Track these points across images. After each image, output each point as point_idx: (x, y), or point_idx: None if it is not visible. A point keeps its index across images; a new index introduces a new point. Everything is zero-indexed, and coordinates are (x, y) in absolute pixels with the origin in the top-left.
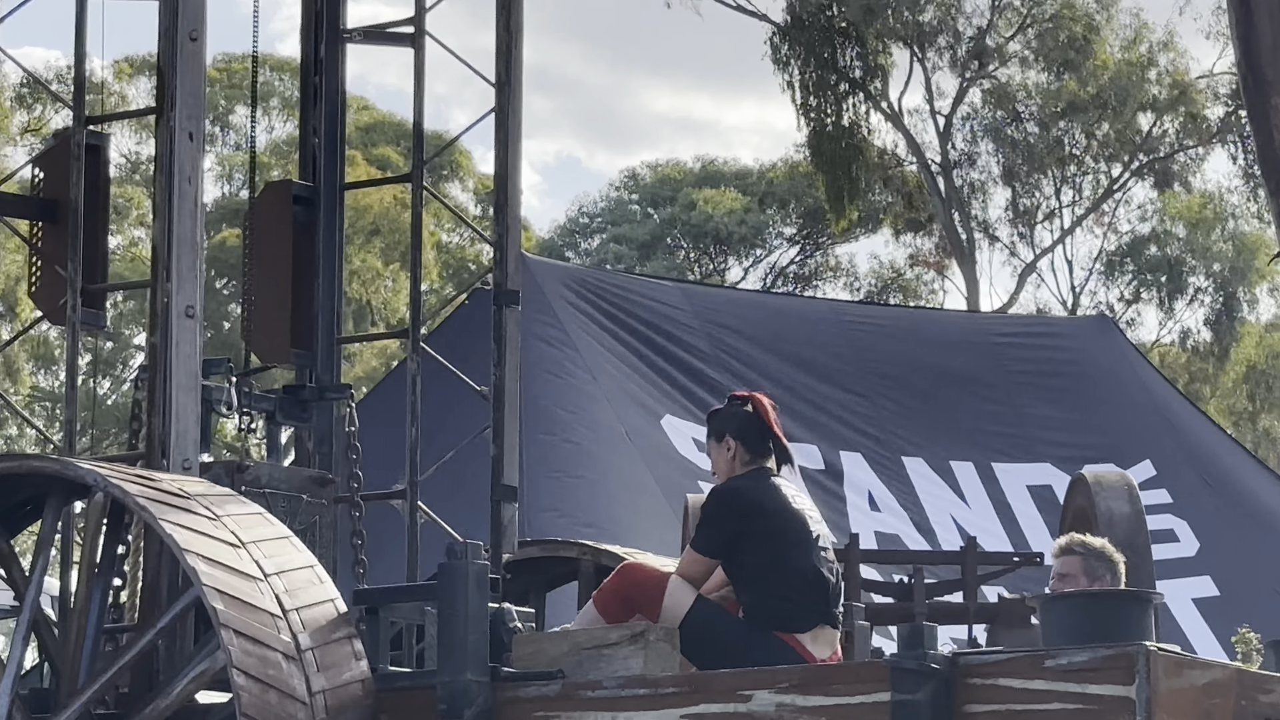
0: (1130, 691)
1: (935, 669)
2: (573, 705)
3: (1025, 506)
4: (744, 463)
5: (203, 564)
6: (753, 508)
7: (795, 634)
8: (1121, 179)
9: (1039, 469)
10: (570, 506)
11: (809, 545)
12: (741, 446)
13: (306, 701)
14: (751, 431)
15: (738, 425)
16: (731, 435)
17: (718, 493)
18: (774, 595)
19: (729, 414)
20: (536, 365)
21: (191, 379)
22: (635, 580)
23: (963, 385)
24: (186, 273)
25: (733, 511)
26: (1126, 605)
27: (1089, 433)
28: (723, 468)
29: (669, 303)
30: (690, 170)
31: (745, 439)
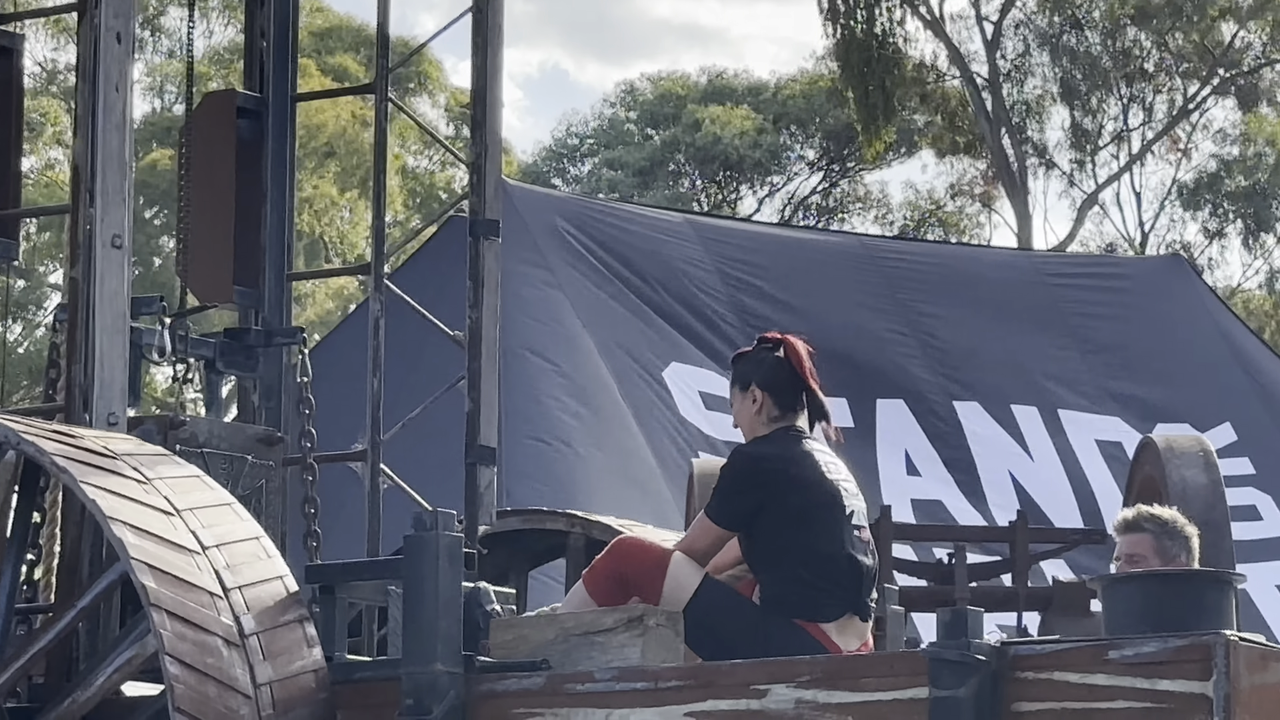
0: (1207, 688)
1: (980, 661)
2: (559, 700)
3: (1095, 464)
4: (771, 418)
5: (130, 534)
6: (780, 476)
7: (819, 623)
8: (1199, 97)
9: (1109, 422)
10: (553, 475)
11: (841, 523)
12: (769, 398)
13: (250, 694)
14: (782, 381)
15: (766, 373)
16: (759, 385)
17: (741, 455)
18: (797, 579)
19: (757, 359)
20: (517, 308)
21: (118, 320)
22: (632, 557)
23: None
24: (113, 196)
25: (756, 478)
26: (1203, 588)
27: (1161, 388)
28: (747, 421)
29: (673, 236)
30: (696, 84)
31: (774, 390)
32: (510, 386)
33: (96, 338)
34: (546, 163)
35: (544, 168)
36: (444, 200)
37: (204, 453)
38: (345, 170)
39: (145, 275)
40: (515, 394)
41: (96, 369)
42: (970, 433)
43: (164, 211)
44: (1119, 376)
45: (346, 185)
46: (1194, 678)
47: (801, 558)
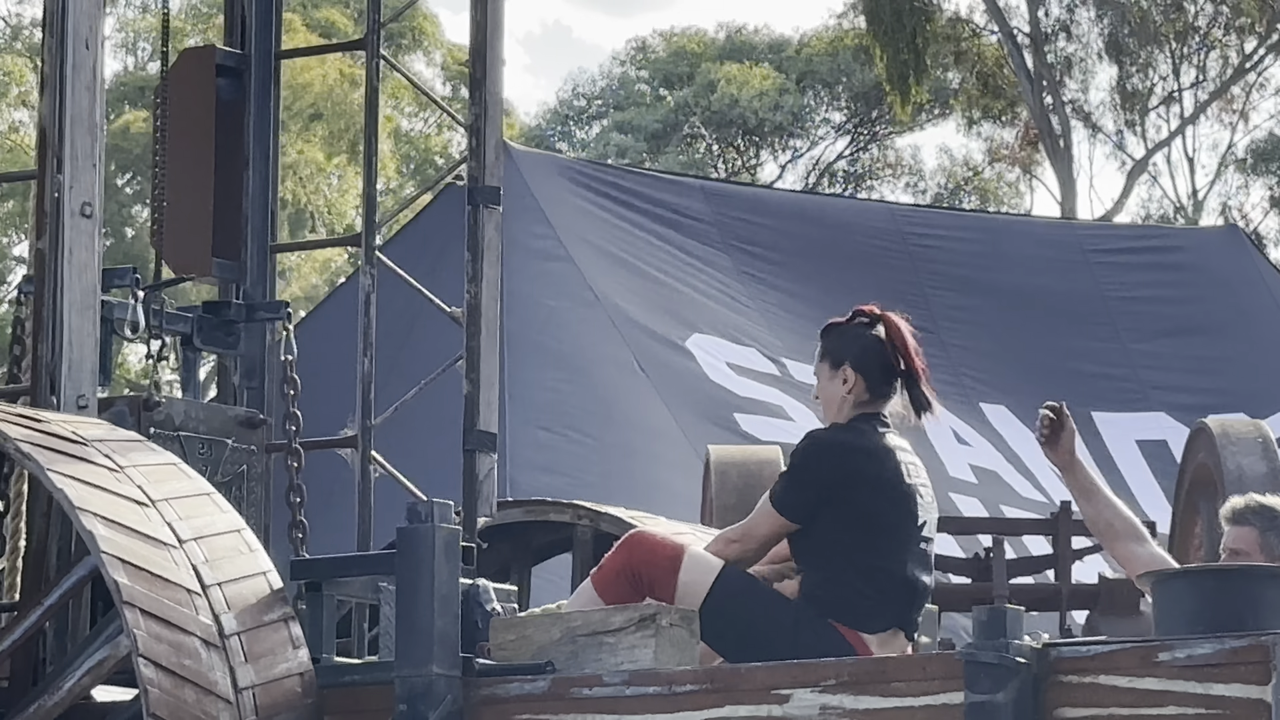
0: (1266, 692)
1: (1020, 663)
2: (564, 706)
3: (1135, 465)
4: (859, 402)
5: (102, 526)
6: (855, 470)
7: (861, 633)
8: (1257, 56)
9: (1151, 419)
10: (562, 462)
11: (910, 533)
12: (862, 381)
13: (231, 699)
14: (878, 364)
15: (860, 352)
16: (851, 364)
17: (816, 442)
18: (848, 584)
19: (851, 335)
20: (521, 280)
21: (88, 295)
22: (644, 553)
23: (1054, 313)
24: (83, 161)
25: (829, 472)
26: (1261, 585)
27: (1214, 375)
28: (832, 403)
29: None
30: (712, 41)
31: (868, 372)
32: (513, 367)
33: (65, 314)
34: (551, 125)
35: (548, 131)
36: (440, 166)
37: (181, 436)
38: (333, 134)
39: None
40: (519, 375)
41: (65, 348)
42: (1003, 431)
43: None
44: (1166, 367)
45: (334, 150)
46: (1252, 681)
47: (858, 563)
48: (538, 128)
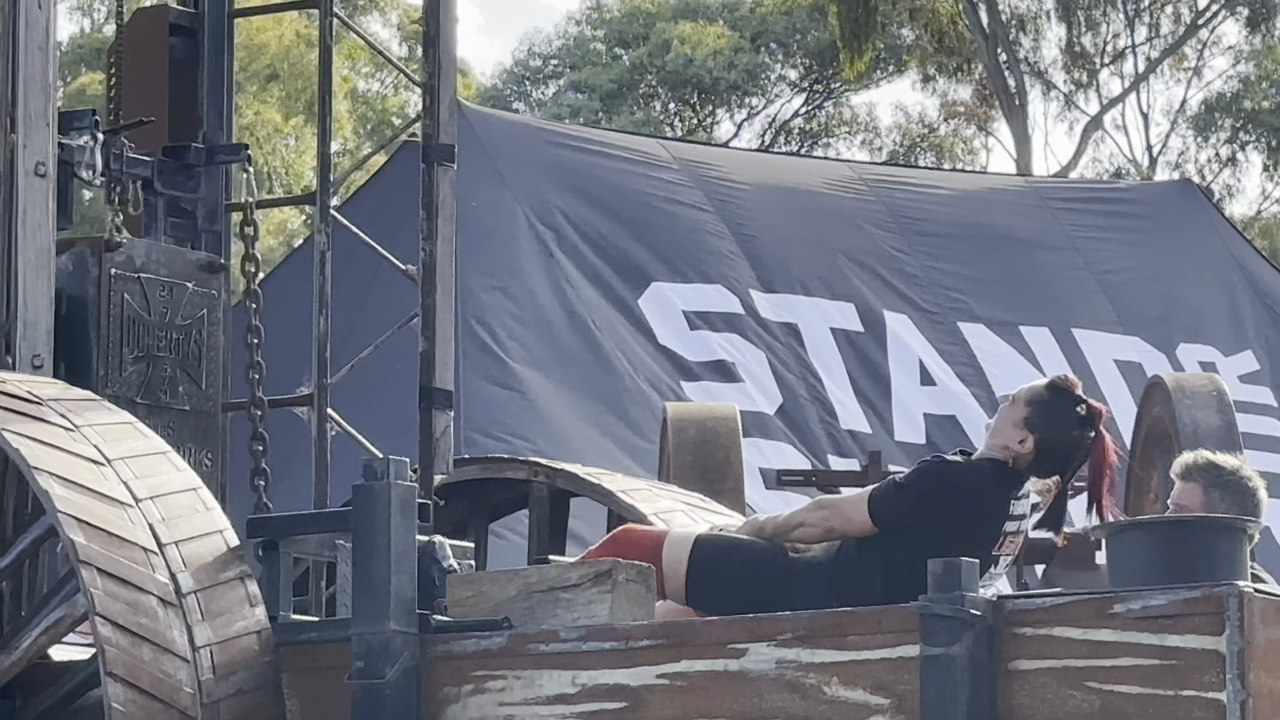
0: (1219, 643)
1: (975, 616)
2: (521, 662)
3: (1115, 385)
4: (1017, 463)
5: (58, 485)
6: (959, 515)
7: None
8: (1209, 12)
9: (1126, 342)
10: (515, 422)
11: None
12: (1035, 456)
13: (188, 657)
14: (1060, 456)
15: (1054, 438)
16: (1038, 434)
17: (941, 470)
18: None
19: (1064, 418)
20: (476, 239)
21: (42, 255)
22: (629, 547)
23: (1024, 245)
24: (36, 120)
25: (940, 504)
26: (1215, 536)
27: (1179, 313)
28: (997, 444)
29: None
30: (667, 1)
31: (1045, 456)
32: (469, 325)
33: (20, 274)
34: (507, 85)
35: (504, 91)
36: (396, 126)
37: (141, 278)
38: (289, 95)
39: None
40: (475, 333)
41: (20, 308)
42: (980, 349)
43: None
44: (1135, 299)
45: (291, 111)
46: (1205, 632)
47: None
48: (494, 88)
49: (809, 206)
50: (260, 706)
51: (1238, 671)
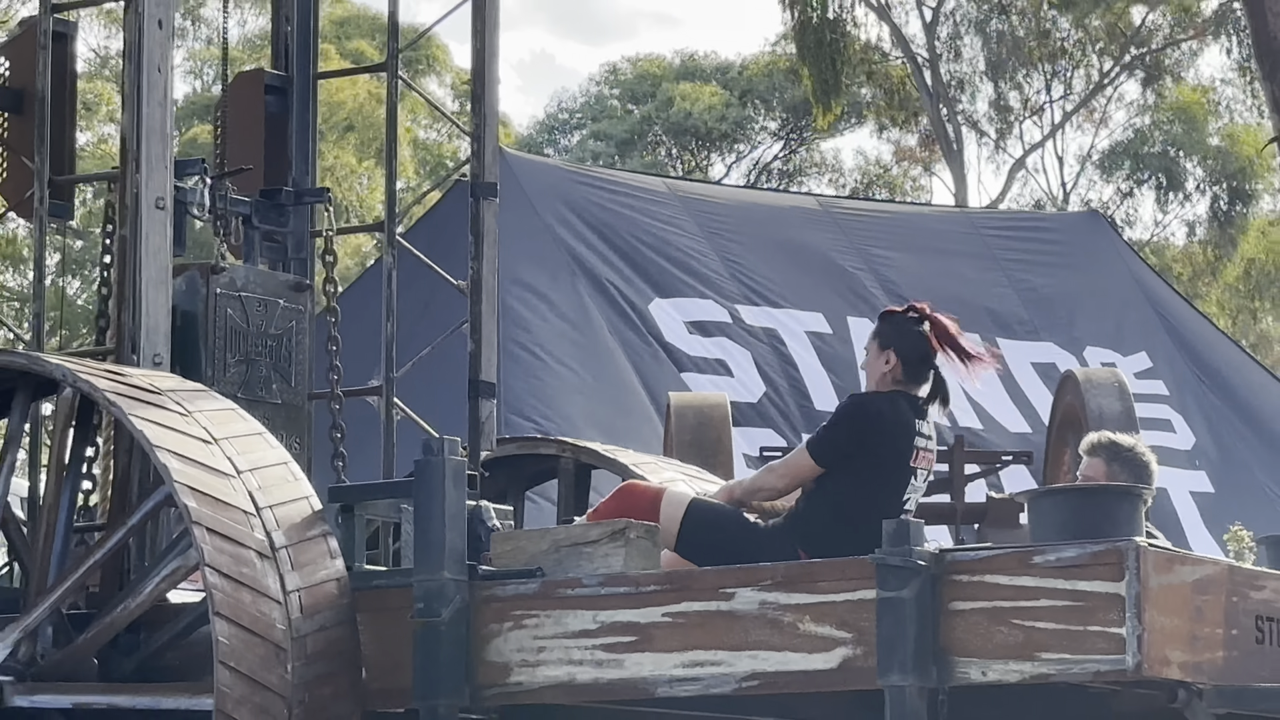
0: (1120, 588)
1: (921, 565)
2: (551, 604)
3: (1032, 382)
4: (896, 383)
5: (174, 460)
6: (879, 433)
7: None
8: (1112, 74)
9: (1043, 347)
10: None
11: (893, 504)
12: (901, 367)
13: (281, 600)
14: (916, 355)
15: (905, 343)
16: (895, 351)
17: (855, 401)
18: (825, 525)
19: (901, 327)
20: (515, 260)
21: (161, 272)
22: (632, 500)
23: (959, 270)
24: (156, 163)
25: (861, 429)
26: (1117, 501)
27: (1086, 323)
28: (873, 377)
29: (653, 196)
30: (670, 65)
31: (907, 360)
32: (509, 328)
33: (143, 289)
34: (540, 135)
35: (538, 139)
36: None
37: (241, 296)
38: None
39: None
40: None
41: (143, 316)
42: None
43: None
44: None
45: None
46: (1109, 579)
47: (840, 506)
48: (530, 136)
49: (784, 234)
50: (339, 640)
51: (1135, 610)
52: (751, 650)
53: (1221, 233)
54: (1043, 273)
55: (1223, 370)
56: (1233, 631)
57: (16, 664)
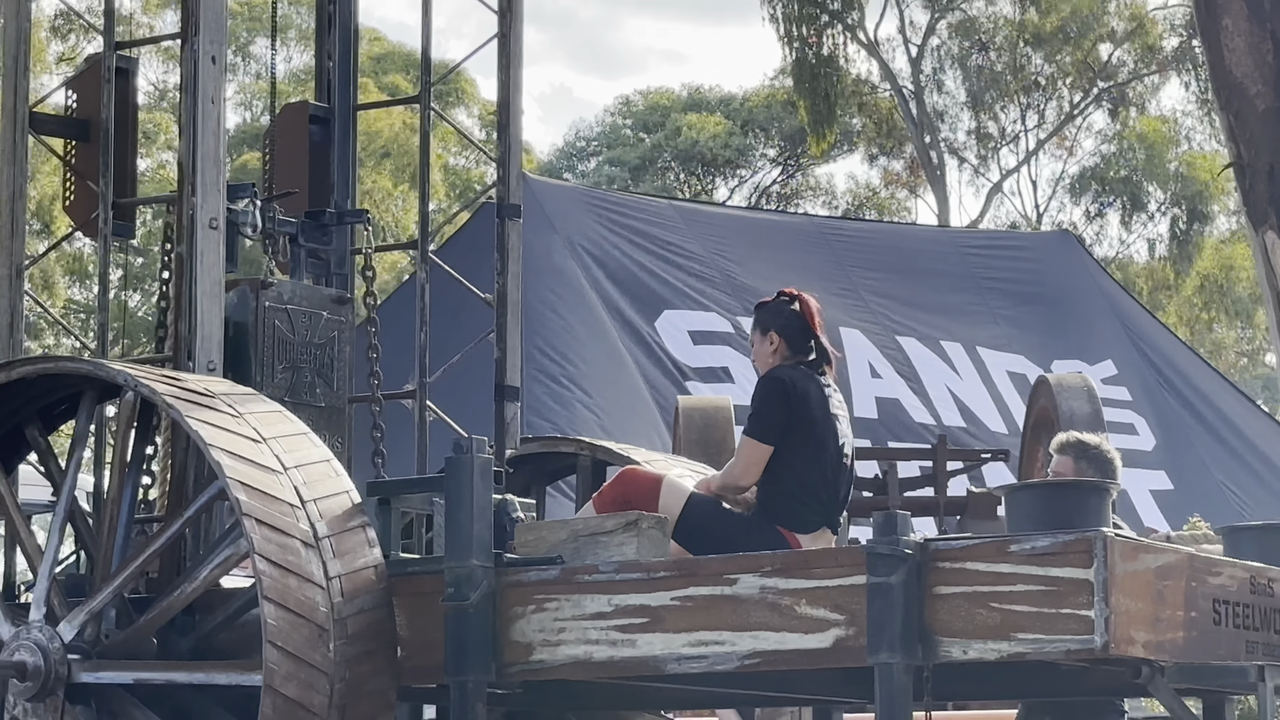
0: (1089, 574)
1: (908, 554)
2: (570, 588)
3: (1008, 388)
4: (784, 358)
5: (226, 458)
6: (800, 397)
7: (798, 534)
8: (1082, 105)
9: (1016, 359)
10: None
11: (836, 451)
12: (785, 343)
13: (324, 585)
14: (795, 329)
15: (783, 322)
16: (776, 331)
17: (768, 380)
18: (789, 494)
19: (776, 310)
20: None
21: (215, 286)
22: (633, 484)
23: (941, 288)
24: (210, 187)
25: (786, 397)
26: (1086, 495)
27: (1057, 333)
28: (765, 360)
29: (662, 217)
30: (678, 97)
31: (789, 336)
32: (532, 338)
33: (198, 301)
34: (559, 161)
35: (558, 165)
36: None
37: (288, 309)
38: (398, 168)
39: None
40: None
41: (198, 326)
42: (912, 355)
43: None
44: (1022, 326)
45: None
46: (1079, 566)
47: (798, 476)
48: (550, 162)
49: (780, 253)
50: (377, 622)
51: (1103, 595)
52: (753, 631)
53: (1180, 250)
54: (1018, 287)
55: (1182, 376)
56: (1192, 614)
57: (83, 643)
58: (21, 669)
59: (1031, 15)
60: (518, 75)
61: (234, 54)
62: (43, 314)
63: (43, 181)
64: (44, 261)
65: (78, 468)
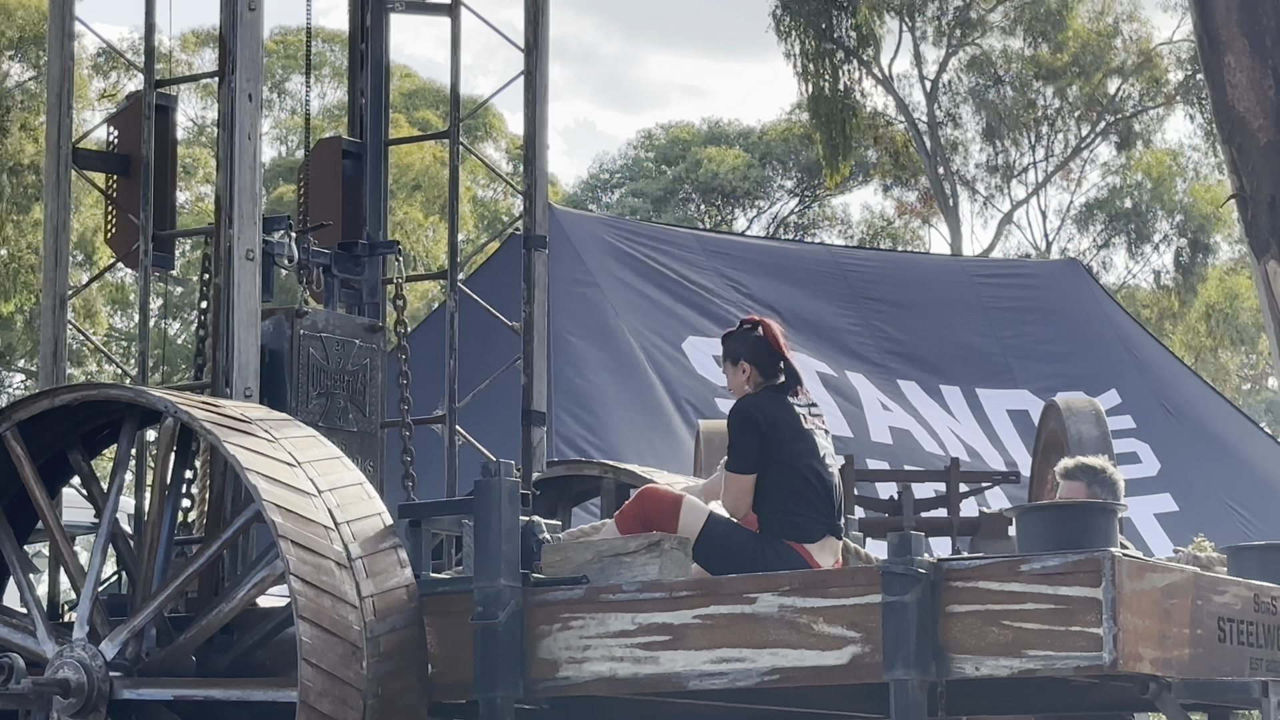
0: (1098, 593)
1: (922, 573)
2: (595, 607)
3: (1005, 427)
4: (756, 384)
5: (263, 481)
6: (772, 421)
7: (805, 544)
8: (1089, 138)
9: (1018, 395)
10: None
11: (819, 461)
12: (755, 369)
13: (357, 605)
14: (763, 354)
15: (750, 349)
16: (745, 359)
17: (738, 410)
18: (788, 509)
19: (742, 338)
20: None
21: (251, 315)
22: (652, 502)
23: (948, 320)
24: (247, 219)
25: (756, 426)
26: (1094, 516)
27: (1061, 364)
28: (739, 388)
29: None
30: (698, 131)
31: (758, 362)
32: (558, 364)
33: (235, 330)
34: (584, 193)
35: (583, 196)
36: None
37: (322, 337)
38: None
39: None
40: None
41: (235, 354)
42: (911, 398)
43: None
44: (1027, 358)
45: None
46: (1088, 585)
47: (789, 492)
48: (575, 194)
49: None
50: (408, 640)
51: (1111, 613)
52: (772, 648)
53: (1185, 279)
54: (1025, 315)
55: (1187, 400)
56: (1198, 631)
57: (125, 661)
58: (65, 686)
59: (1042, 51)
60: (543, 110)
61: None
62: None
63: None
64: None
65: (119, 491)
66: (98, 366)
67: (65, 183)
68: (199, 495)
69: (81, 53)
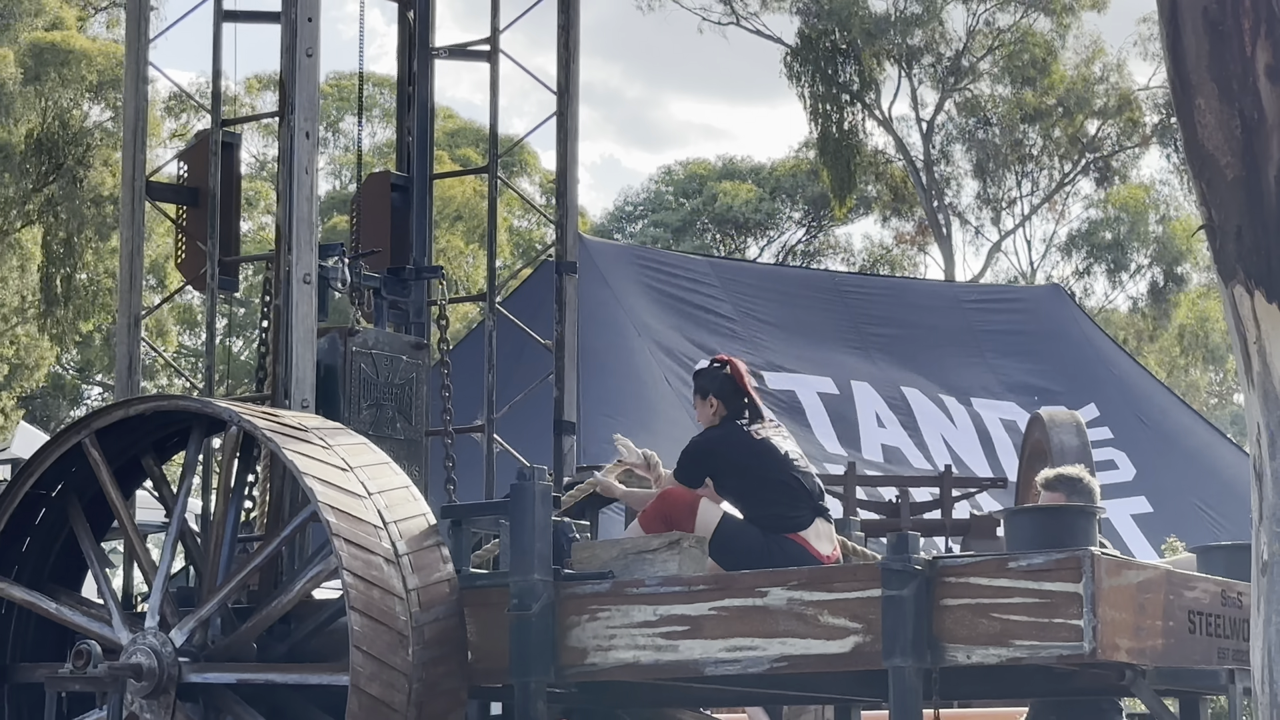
0: (1078, 588)
1: (918, 569)
2: (620, 600)
3: (999, 434)
4: (723, 416)
5: (318, 485)
6: (719, 447)
7: (798, 532)
8: (1071, 175)
9: (1008, 406)
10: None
11: (778, 460)
12: (721, 403)
13: (404, 596)
14: (729, 390)
15: (718, 385)
16: (714, 394)
17: (694, 441)
18: (775, 510)
19: (711, 375)
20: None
21: (308, 334)
22: (672, 503)
23: (941, 341)
24: (304, 247)
25: (704, 454)
26: (1075, 518)
27: (1045, 380)
28: (707, 419)
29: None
30: (714, 167)
31: (724, 397)
32: (587, 378)
33: (293, 347)
34: (610, 223)
35: (609, 227)
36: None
37: (371, 353)
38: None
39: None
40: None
41: (293, 369)
42: (915, 405)
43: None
44: (1014, 373)
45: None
46: (1069, 581)
47: (768, 494)
48: (602, 224)
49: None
50: (450, 629)
51: (1091, 606)
52: (781, 638)
53: (1158, 304)
54: (1012, 337)
55: (1161, 411)
56: (1170, 623)
57: (192, 648)
58: (138, 670)
59: (1028, 94)
60: (574, 148)
61: (325, 129)
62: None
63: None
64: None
65: (187, 493)
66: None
67: (140, 213)
68: (260, 497)
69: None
